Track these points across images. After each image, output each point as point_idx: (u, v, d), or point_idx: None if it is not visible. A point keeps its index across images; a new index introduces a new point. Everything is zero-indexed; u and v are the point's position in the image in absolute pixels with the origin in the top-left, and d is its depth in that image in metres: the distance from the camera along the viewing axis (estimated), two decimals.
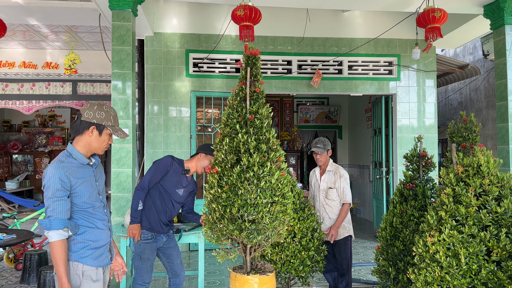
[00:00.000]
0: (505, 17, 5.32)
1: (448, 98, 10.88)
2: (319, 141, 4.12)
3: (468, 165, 2.50)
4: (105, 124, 2.25)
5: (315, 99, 11.13)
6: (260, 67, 3.02)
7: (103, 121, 2.25)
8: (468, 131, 3.24)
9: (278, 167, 2.85)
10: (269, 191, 2.75)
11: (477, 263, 2.27)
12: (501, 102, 5.43)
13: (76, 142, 2.27)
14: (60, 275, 2.09)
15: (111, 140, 2.33)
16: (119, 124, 2.35)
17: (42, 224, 2.09)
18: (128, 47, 4.94)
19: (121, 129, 2.33)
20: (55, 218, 2.09)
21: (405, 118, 7.13)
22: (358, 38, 7.03)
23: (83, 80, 8.20)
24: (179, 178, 3.49)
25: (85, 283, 2.20)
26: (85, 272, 2.21)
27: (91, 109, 2.25)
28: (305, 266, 3.71)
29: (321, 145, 4.07)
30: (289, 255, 3.65)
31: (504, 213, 2.33)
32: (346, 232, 4.14)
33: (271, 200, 2.76)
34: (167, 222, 3.54)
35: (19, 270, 5.66)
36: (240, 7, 4.68)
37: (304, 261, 3.71)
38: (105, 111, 2.26)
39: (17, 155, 11.94)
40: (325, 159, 4.12)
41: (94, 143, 2.26)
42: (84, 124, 2.23)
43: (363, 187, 9.96)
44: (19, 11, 5.77)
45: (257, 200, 2.69)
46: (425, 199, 3.34)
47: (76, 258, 2.20)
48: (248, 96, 2.91)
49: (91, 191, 2.27)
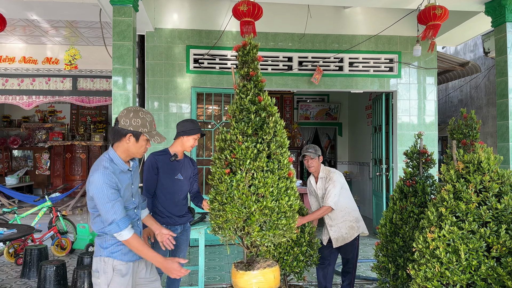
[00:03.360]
0: (506, 14, 5.31)
1: (449, 96, 10.89)
2: (310, 146, 4.03)
3: (469, 162, 2.50)
4: (141, 131, 2.33)
5: (315, 96, 11.13)
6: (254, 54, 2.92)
7: (139, 128, 2.32)
8: (468, 128, 3.25)
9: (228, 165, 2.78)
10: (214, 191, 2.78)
11: (477, 259, 2.28)
12: (502, 100, 5.43)
13: (116, 147, 2.37)
14: (153, 257, 2.34)
15: (149, 144, 2.41)
16: (156, 128, 2.44)
17: (111, 230, 2.24)
18: (129, 43, 4.93)
19: (158, 133, 2.40)
20: (119, 219, 2.24)
21: (405, 115, 7.13)
22: (359, 35, 7.02)
23: (83, 75, 8.19)
24: (171, 166, 3.45)
25: (115, 277, 2.33)
26: (115, 267, 2.33)
27: (127, 116, 2.33)
28: (299, 262, 3.72)
29: (312, 150, 3.98)
30: (282, 252, 3.67)
31: (504, 209, 2.33)
32: (356, 232, 4.01)
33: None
34: (181, 214, 3.50)
35: (19, 265, 5.67)
36: (243, 2, 4.67)
37: (297, 256, 3.71)
38: (141, 118, 2.33)
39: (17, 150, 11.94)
40: (316, 164, 3.99)
41: (132, 148, 2.36)
42: (121, 131, 2.32)
43: (363, 184, 9.98)
44: (19, 6, 5.76)
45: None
46: (424, 195, 3.35)
47: (108, 254, 2.33)
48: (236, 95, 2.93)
49: (127, 195, 2.39)
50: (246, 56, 2.91)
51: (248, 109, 2.79)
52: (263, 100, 2.83)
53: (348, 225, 3.97)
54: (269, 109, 2.83)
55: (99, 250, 2.36)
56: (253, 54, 2.90)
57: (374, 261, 4.76)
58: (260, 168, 2.69)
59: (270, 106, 2.84)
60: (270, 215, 2.68)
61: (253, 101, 2.82)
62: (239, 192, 2.64)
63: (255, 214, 2.65)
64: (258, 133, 2.78)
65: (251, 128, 2.75)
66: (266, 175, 2.69)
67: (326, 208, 3.83)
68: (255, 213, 2.65)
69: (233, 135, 2.77)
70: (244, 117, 2.80)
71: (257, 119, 2.77)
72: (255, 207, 2.64)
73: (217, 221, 2.76)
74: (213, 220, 2.81)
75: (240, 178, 2.66)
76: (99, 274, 2.33)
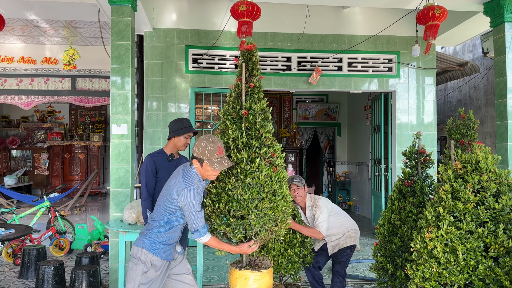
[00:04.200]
0: (505, 14, 5.32)
1: (448, 96, 10.89)
2: (295, 176, 4.06)
3: (467, 162, 2.50)
4: (203, 158, 2.65)
5: (314, 96, 11.13)
6: (257, 61, 2.98)
7: (200, 155, 2.66)
8: (466, 128, 3.25)
9: (270, 163, 2.83)
10: (257, 187, 2.73)
11: (474, 259, 2.28)
12: (500, 100, 5.43)
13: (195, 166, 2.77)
14: (230, 249, 2.82)
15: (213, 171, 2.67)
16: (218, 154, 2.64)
17: (200, 235, 2.68)
18: (128, 43, 4.93)
19: (220, 161, 2.62)
20: (203, 226, 2.68)
21: (404, 115, 7.13)
22: (358, 35, 7.02)
23: (82, 75, 8.19)
24: (169, 166, 3.45)
25: (151, 269, 2.70)
26: (152, 261, 2.70)
27: (199, 145, 2.67)
28: (294, 263, 3.72)
29: (298, 180, 3.98)
30: (276, 255, 3.66)
31: (502, 209, 2.33)
32: (352, 241, 4.03)
33: (258, 197, 2.73)
34: None
35: (17, 265, 5.66)
36: (242, 2, 4.66)
37: (292, 258, 3.71)
38: (202, 146, 2.65)
39: (16, 150, 11.93)
40: (303, 194, 3.99)
41: (201, 171, 2.72)
42: (193, 156, 2.71)
43: (361, 184, 9.98)
44: (18, 5, 5.75)
45: (243, 196, 2.68)
46: (423, 195, 3.35)
47: (149, 249, 2.70)
48: (244, 92, 2.90)
49: None
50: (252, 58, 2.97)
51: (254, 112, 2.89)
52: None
53: (347, 235, 4.04)
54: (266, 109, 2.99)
55: (142, 242, 2.73)
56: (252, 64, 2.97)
57: (373, 261, 4.75)
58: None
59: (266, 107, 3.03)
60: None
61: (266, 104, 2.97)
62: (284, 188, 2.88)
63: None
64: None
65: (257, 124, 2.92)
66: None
67: (318, 233, 3.81)
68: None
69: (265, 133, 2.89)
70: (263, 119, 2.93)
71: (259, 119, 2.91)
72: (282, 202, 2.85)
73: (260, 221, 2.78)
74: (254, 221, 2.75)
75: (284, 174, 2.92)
76: (138, 261, 2.71)
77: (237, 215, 2.74)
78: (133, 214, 3.79)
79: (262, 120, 2.88)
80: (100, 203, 10.40)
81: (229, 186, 2.73)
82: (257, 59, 2.98)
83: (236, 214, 2.73)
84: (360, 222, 9.12)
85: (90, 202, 9.98)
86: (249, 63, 2.95)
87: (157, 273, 2.73)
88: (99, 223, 6.38)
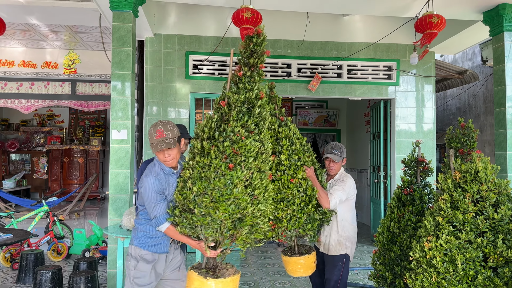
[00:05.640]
0: (504, 23, 5.35)
1: (447, 104, 10.92)
2: (335, 146, 3.60)
3: (466, 171, 2.51)
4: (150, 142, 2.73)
5: (314, 103, 11.15)
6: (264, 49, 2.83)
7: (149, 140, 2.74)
8: (466, 137, 3.25)
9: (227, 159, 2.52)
10: (206, 182, 2.50)
11: (473, 269, 2.28)
12: (499, 109, 5.45)
13: None
14: (187, 241, 2.72)
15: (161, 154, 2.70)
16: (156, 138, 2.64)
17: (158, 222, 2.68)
18: (129, 48, 4.94)
19: (157, 143, 2.62)
20: (161, 214, 2.68)
21: (403, 122, 7.15)
22: (357, 43, 7.05)
23: (82, 80, 8.20)
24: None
25: (141, 262, 2.76)
26: (142, 255, 2.76)
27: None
28: (313, 222, 3.32)
29: (338, 152, 3.57)
30: (296, 209, 3.24)
31: (501, 219, 2.34)
32: (342, 250, 3.58)
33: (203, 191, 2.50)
34: None
35: (15, 270, 5.64)
36: (247, 9, 4.69)
37: (312, 215, 3.32)
38: (149, 132, 2.70)
39: (15, 154, 11.91)
40: (338, 168, 3.62)
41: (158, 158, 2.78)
42: None
43: (360, 191, 9.97)
44: (19, 10, 5.77)
45: (192, 187, 2.54)
46: (422, 204, 3.35)
47: (137, 244, 2.79)
48: (229, 80, 2.76)
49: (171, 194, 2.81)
50: (259, 45, 2.79)
51: (252, 102, 2.65)
52: (264, 97, 2.74)
53: (337, 239, 3.59)
54: (265, 106, 2.77)
55: (132, 239, 2.85)
56: (263, 47, 2.81)
57: (372, 269, 4.75)
58: (257, 169, 2.58)
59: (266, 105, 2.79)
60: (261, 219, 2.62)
61: (257, 95, 2.69)
62: (237, 191, 2.47)
63: (247, 217, 2.53)
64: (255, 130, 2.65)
65: (253, 123, 2.62)
66: (262, 176, 2.60)
67: (326, 198, 3.39)
68: (247, 216, 2.53)
69: (234, 127, 2.56)
70: (246, 110, 2.65)
71: (259, 115, 2.67)
72: (250, 209, 2.51)
73: (202, 219, 2.49)
74: (196, 217, 2.50)
75: (240, 176, 2.48)
76: (130, 258, 2.81)
77: (185, 207, 2.60)
78: (132, 220, 3.79)
79: (238, 113, 2.62)
80: (98, 207, 10.37)
81: (185, 176, 2.63)
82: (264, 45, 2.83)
83: (183, 207, 2.61)
84: (359, 229, 9.07)
85: (88, 207, 9.96)
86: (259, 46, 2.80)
87: (149, 266, 2.76)
88: (97, 228, 6.36)
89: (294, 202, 3.24)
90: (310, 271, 3.52)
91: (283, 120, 3.40)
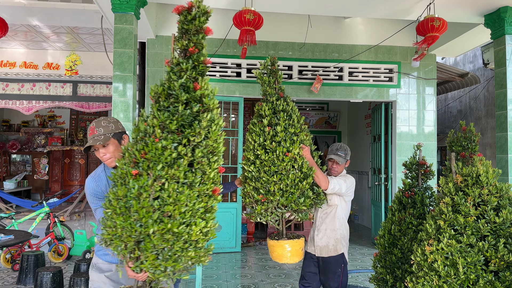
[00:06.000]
0: (505, 27, 5.35)
1: (448, 106, 10.91)
2: (340, 147, 3.46)
3: (467, 175, 2.50)
4: None
5: (315, 105, 11.16)
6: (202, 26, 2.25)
7: None
8: (467, 140, 3.25)
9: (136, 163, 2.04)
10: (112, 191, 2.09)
11: (475, 272, 2.28)
12: (501, 112, 5.45)
13: None
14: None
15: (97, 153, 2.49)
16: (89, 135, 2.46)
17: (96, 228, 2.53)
18: (130, 50, 4.95)
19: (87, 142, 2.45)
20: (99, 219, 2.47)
21: (404, 125, 7.15)
22: (359, 45, 7.06)
23: (83, 81, 8.21)
24: None
25: (95, 271, 2.54)
26: (96, 264, 2.55)
27: None
28: (306, 198, 3.15)
29: (343, 154, 3.44)
30: (289, 184, 3.08)
31: (503, 223, 2.33)
32: (340, 249, 3.46)
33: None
34: None
35: (15, 271, 5.64)
36: (249, 11, 4.70)
37: (306, 192, 3.16)
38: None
39: (16, 155, 11.92)
40: (341, 170, 3.48)
41: None
42: None
43: (361, 194, 9.96)
44: (21, 11, 5.78)
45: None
46: (423, 207, 3.34)
47: (96, 252, 2.59)
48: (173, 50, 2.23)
49: None
50: (189, 23, 2.18)
51: (177, 96, 2.04)
52: (200, 88, 2.09)
53: (336, 238, 3.49)
54: (206, 101, 2.10)
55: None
56: (200, 23, 2.19)
57: (372, 272, 4.74)
58: (174, 179, 1.97)
59: (208, 98, 2.12)
60: (174, 243, 1.97)
61: (187, 87, 2.07)
62: (138, 204, 1.95)
63: (153, 238, 1.94)
64: (184, 132, 2.04)
65: (176, 122, 2.00)
66: (181, 189, 1.97)
67: (325, 179, 3.26)
68: (153, 236, 1.94)
69: (150, 126, 2.05)
70: (170, 105, 2.05)
71: (186, 113, 2.02)
72: (155, 228, 1.93)
73: (105, 234, 2.06)
74: (104, 229, 2.08)
75: (145, 186, 1.95)
76: (91, 266, 2.62)
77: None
78: None
79: (160, 110, 2.07)
80: None
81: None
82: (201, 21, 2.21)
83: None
84: (359, 231, 9.11)
85: (89, 208, 9.95)
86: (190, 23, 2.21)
87: (103, 276, 2.48)
88: None
89: (288, 177, 3.09)
90: (298, 259, 3.33)
91: (282, 96, 3.31)
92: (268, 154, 3.09)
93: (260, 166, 3.08)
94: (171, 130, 2.01)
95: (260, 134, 3.15)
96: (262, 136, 3.14)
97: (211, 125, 2.09)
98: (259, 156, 3.11)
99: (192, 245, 2.03)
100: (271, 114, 3.21)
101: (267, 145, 3.11)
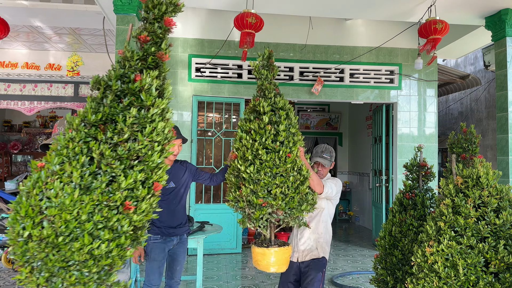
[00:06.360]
0: (506, 29, 5.36)
1: (449, 108, 10.92)
2: (325, 150, 3.33)
3: (468, 177, 2.51)
4: None
5: (316, 106, 11.16)
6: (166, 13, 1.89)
7: None
8: (468, 142, 3.26)
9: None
10: None
11: (475, 274, 2.28)
12: (502, 113, 5.45)
13: None
14: None
15: None
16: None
17: None
18: None
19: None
20: None
21: (405, 126, 7.15)
22: (360, 47, 7.07)
23: (85, 82, 8.23)
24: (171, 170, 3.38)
25: None
26: None
27: None
28: (308, 203, 2.96)
29: (328, 156, 3.32)
30: (290, 187, 2.85)
31: (503, 225, 2.34)
32: (322, 252, 3.30)
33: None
34: (178, 224, 3.47)
35: (16, 272, 5.66)
36: (251, 14, 4.71)
37: (306, 196, 2.97)
38: None
39: (17, 155, 11.95)
40: (326, 173, 3.38)
41: None
42: None
43: (362, 195, 9.96)
44: (23, 12, 5.81)
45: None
46: (424, 209, 3.35)
47: None
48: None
49: None
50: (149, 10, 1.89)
51: (110, 87, 1.83)
52: (140, 81, 1.76)
53: (320, 241, 3.36)
54: (144, 97, 1.75)
55: None
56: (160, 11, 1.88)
57: (373, 273, 4.75)
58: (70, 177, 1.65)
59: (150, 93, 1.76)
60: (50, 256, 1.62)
61: (127, 78, 1.82)
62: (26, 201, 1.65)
63: (30, 244, 1.62)
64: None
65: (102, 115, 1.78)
66: (69, 191, 1.62)
67: (320, 183, 3.10)
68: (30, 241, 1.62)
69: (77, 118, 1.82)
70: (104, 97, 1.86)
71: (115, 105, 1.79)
72: (34, 232, 1.61)
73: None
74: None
75: (39, 181, 1.66)
76: None
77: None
78: None
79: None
80: None
81: None
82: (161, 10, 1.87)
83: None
84: (360, 233, 9.10)
85: None
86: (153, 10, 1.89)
87: None
88: None
89: (288, 179, 2.84)
90: (284, 267, 3.07)
91: (279, 92, 3.06)
92: (269, 155, 2.81)
93: (260, 167, 2.79)
94: (89, 122, 1.74)
95: (262, 132, 2.83)
96: (264, 135, 2.82)
97: (145, 126, 1.74)
98: (259, 156, 2.82)
99: (75, 265, 1.62)
100: (270, 111, 2.92)
101: (268, 145, 2.83)
